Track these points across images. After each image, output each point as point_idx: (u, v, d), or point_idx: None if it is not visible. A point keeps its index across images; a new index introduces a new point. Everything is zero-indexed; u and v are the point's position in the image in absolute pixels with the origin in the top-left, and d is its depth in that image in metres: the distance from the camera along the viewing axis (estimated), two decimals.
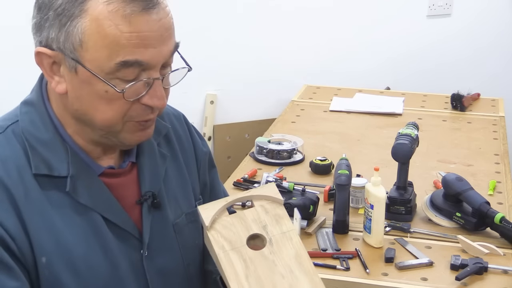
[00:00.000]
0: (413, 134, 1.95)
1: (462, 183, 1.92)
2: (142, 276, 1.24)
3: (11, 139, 1.16)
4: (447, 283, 1.67)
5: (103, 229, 1.19)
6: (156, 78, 1.12)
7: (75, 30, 1.08)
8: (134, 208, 1.24)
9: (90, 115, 1.14)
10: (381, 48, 3.48)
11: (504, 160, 2.40)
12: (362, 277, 1.70)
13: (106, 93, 1.11)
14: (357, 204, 2.01)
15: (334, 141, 2.57)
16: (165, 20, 1.11)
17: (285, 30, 3.33)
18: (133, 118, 1.15)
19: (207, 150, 1.45)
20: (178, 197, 1.33)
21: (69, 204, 1.17)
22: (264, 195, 1.23)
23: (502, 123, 2.77)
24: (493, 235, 1.87)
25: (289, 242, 1.19)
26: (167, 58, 1.14)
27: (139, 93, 1.12)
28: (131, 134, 1.17)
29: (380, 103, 2.94)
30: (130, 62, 1.08)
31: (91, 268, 1.17)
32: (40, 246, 1.13)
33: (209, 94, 3.28)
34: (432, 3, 3.48)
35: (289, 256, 1.17)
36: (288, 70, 3.37)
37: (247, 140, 3.24)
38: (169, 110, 1.41)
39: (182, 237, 1.30)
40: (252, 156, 2.41)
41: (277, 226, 1.20)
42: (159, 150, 1.31)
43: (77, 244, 1.16)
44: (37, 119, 1.18)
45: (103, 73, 1.09)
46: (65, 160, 1.17)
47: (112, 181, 1.22)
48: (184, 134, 1.40)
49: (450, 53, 3.54)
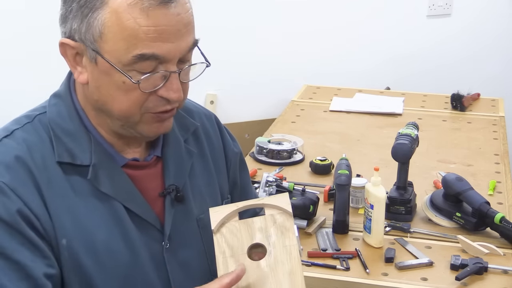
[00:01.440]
0: (413, 134, 1.95)
1: (462, 183, 1.92)
2: (163, 267, 1.26)
3: (38, 128, 1.21)
4: (447, 283, 1.67)
5: (124, 218, 1.22)
6: (172, 71, 1.15)
7: (95, 22, 1.11)
8: (157, 201, 1.27)
9: (108, 105, 1.17)
10: (381, 48, 3.48)
11: (504, 160, 2.41)
12: (362, 277, 1.70)
13: (124, 84, 1.13)
14: (357, 204, 2.01)
15: (334, 141, 2.57)
16: (184, 15, 1.13)
17: (285, 30, 3.33)
18: (150, 109, 1.17)
19: (238, 150, 1.47)
20: (204, 193, 1.35)
21: (91, 192, 1.20)
22: (275, 205, 1.23)
23: (502, 123, 2.77)
24: (493, 235, 1.87)
25: (288, 256, 1.19)
26: (185, 53, 1.16)
27: (155, 85, 1.15)
28: (148, 126, 1.20)
29: (380, 103, 2.95)
30: (147, 56, 1.11)
31: (112, 253, 1.20)
32: (61, 228, 1.16)
33: (209, 94, 3.28)
34: (432, 3, 3.48)
35: (283, 271, 1.18)
36: (288, 70, 3.37)
37: (247, 140, 3.24)
38: (201, 110, 1.44)
39: (207, 233, 1.31)
40: (252, 156, 2.41)
41: (281, 238, 1.20)
42: (186, 146, 1.34)
43: (99, 230, 1.19)
44: (64, 110, 1.23)
45: (121, 65, 1.12)
46: (88, 150, 1.21)
47: (135, 173, 1.25)
48: (214, 134, 1.43)
49: (450, 53, 3.54)
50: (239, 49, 3.29)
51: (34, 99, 1.34)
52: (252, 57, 3.32)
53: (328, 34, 3.40)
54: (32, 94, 1.37)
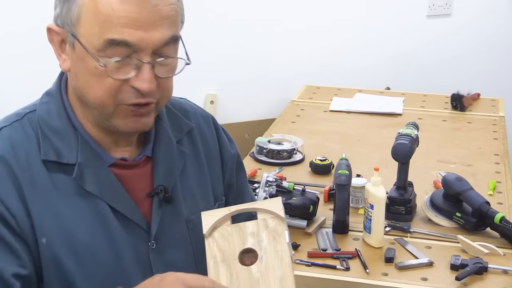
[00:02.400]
0: (413, 134, 1.95)
1: (462, 183, 1.92)
2: (148, 268, 1.25)
3: (26, 126, 1.21)
4: (447, 283, 1.67)
5: (109, 217, 1.21)
6: (145, 62, 1.14)
7: (74, 6, 1.13)
8: (144, 201, 1.26)
9: (85, 92, 1.18)
10: (381, 48, 3.48)
11: (504, 160, 2.41)
12: (362, 277, 1.70)
13: (96, 70, 1.14)
14: (357, 204, 2.01)
15: (334, 141, 2.57)
16: (162, 7, 1.13)
17: (285, 30, 3.33)
18: (123, 101, 1.16)
19: (235, 152, 1.46)
20: (196, 195, 1.35)
21: (76, 191, 1.20)
22: (268, 210, 1.23)
23: (502, 123, 2.77)
24: (493, 235, 1.87)
25: (279, 262, 1.18)
26: (159, 46, 1.15)
27: (126, 74, 1.14)
28: (123, 120, 1.19)
29: (380, 103, 2.94)
30: (118, 41, 1.11)
31: (94, 255, 1.19)
32: (41, 227, 1.16)
33: (209, 94, 3.28)
34: (432, 3, 3.48)
35: (274, 277, 1.17)
36: (288, 70, 3.37)
37: (247, 140, 3.24)
38: (198, 111, 1.43)
39: (196, 234, 1.31)
40: (252, 156, 2.41)
41: (272, 244, 1.19)
42: (178, 146, 1.33)
43: (81, 230, 1.19)
44: (53, 108, 1.23)
45: (95, 49, 1.13)
46: (75, 148, 1.21)
47: (123, 173, 1.25)
48: (211, 135, 1.42)
49: (450, 53, 3.55)
50: (239, 49, 3.29)
51: (33, 98, 1.33)
52: (252, 57, 3.32)
53: (328, 34, 3.40)
54: (30, 93, 1.36)
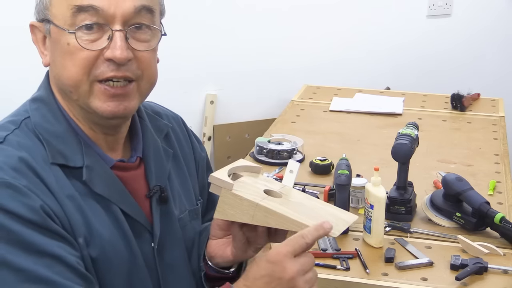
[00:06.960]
0: (413, 134, 1.95)
1: (462, 183, 1.92)
2: (154, 269, 1.26)
3: (27, 133, 1.19)
4: (447, 283, 1.67)
5: (121, 219, 1.22)
6: (116, 30, 1.14)
7: None
8: (144, 202, 1.27)
9: (62, 77, 1.17)
10: (381, 48, 3.48)
11: (504, 160, 2.40)
12: (362, 277, 1.70)
13: (68, 46, 1.15)
14: (357, 204, 2.01)
15: (334, 141, 2.57)
16: None
17: (285, 30, 3.33)
18: (98, 76, 1.16)
19: (205, 154, 1.48)
20: (181, 194, 1.36)
21: (88, 193, 1.19)
22: (245, 166, 1.28)
23: (502, 123, 2.77)
24: (493, 235, 1.87)
25: (292, 191, 1.26)
26: (128, 13, 1.15)
27: (99, 45, 1.15)
28: (101, 103, 1.18)
29: (380, 103, 2.94)
30: (85, 7, 1.13)
31: (117, 252, 1.20)
32: (77, 227, 1.15)
33: (209, 94, 3.28)
34: (432, 3, 3.48)
35: (301, 197, 1.25)
36: (288, 70, 3.37)
37: (247, 140, 3.24)
38: (167, 112, 1.44)
39: (186, 233, 1.32)
40: (252, 156, 2.41)
41: (274, 185, 1.25)
42: (163, 146, 1.34)
43: (104, 230, 1.19)
44: (48, 114, 1.21)
45: (67, 25, 1.14)
46: (79, 151, 1.20)
47: (123, 174, 1.25)
48: (183, 136, 1.43)
49: (450, 53, 3.55)
50: (239, 49, 3.29)
51: None
52: (252, 57, 3.32)
53: (328, 34, 3.41)
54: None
